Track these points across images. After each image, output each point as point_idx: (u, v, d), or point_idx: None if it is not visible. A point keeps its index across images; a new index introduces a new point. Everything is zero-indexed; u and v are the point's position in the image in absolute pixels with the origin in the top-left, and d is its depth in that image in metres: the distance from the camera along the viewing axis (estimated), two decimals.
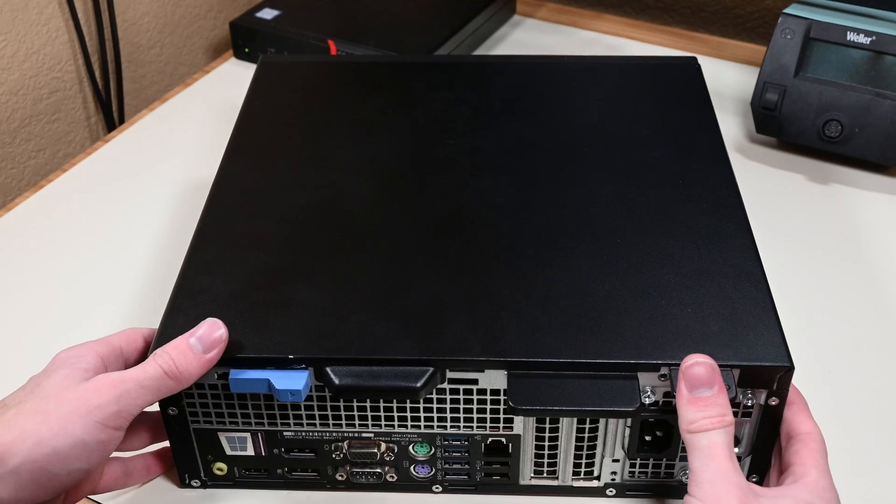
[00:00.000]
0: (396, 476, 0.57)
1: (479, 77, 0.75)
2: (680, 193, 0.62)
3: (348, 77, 0.77)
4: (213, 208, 0.62)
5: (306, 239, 0.59)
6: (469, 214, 0.61)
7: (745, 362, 0.51)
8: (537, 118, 0.70)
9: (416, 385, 0.51)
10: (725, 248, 0.58)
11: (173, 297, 0.56)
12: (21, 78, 0.90)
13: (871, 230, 0.77)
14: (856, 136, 0.80)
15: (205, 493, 0.58)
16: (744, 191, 0.63)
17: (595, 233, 0.59)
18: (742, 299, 0.54)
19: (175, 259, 0.59)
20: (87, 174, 0.85)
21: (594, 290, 0.55)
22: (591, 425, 0.54)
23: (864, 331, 0.68)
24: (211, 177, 0.65)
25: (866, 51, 0.79)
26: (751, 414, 0.53)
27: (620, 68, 0.76)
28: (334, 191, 0.64)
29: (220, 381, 0.53)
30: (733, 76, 0.96)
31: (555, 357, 0.51)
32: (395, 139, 0.69)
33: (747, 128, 0.88)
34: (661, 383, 0.52)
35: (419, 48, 0.93)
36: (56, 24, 0.92)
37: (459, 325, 0.53)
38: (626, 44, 1.03)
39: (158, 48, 1.05)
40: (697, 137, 0.67)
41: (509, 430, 0.55)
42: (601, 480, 0.57)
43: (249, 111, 0.72)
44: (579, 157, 0.66)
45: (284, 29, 0.96)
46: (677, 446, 0.54)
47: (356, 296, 0.55)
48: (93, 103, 0.99)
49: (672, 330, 0.52)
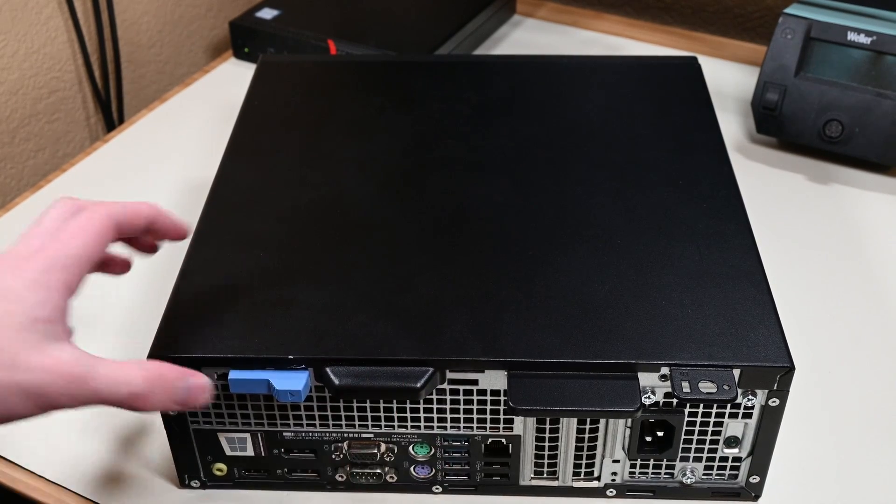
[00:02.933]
0: (396, 477, 0.57)
1: (479, 77, 0.75)
2: (680, 193, 0.62)
3: (348, 77, 0.77)
4: (213, 208, 0.62)
5: (306, 239, 0.59)
6: (469, 214, 0.61)
7: (745, 362, 0.51)
8: (537, 118, 0.70)
9: (416, 385, 0.51)
10: (726, 248, 0.58)
11: (173, 296, 0.56)
12: (21, 78, 0.90)
13: (871, 230, 0.77)
14: (856, 136, 0.80)
15: (204, 494, 0.58)
16: (744, 191, 0.63)
17: (595, 233, 0.59)
18: (742, 299, 0.54)
19: (175, 259, 0.59)
20: (86, 174, 0.85)
21: (594, 290, 0.55)
22: (592, 426, 0.54)
23: (864, 331, 0.68)
24: (211, 177, 0.65)
25: (867, 51, 0.79)
26: (751, 414, 0.53)
27: (620, 68, 0.76)
28: (334, 190, 0.64)
29: (219, 382, 0.53)
30: (733, 76, 0.96)
31: (555, 357, 0.51)
32: (394, 139, 0.69)
33: (747, 128, 0.88)
34: (662, 384, 0.52)
35: (419, 48, 0.93)
36: (56, 24, 0.92)
37: (459, 325, 0.53)
38: (626, 44, 1.03)
39: (158, 48, 1.05)
40: (698, 137, 0.67)
41: (509, 430, 0.54)
42: (601, 481, 0.56)
43: (249, 111, 0.72)
44: (579, 156, 0.66)
45: (284, 29, 0.96)
46: (678, 447, 0.54)
47: (356, 296, 0.55)
48: (92, 103, 0.99)
49: (672, 330, 0.52)
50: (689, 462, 0.55)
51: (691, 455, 0.55)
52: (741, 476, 0.56)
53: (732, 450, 0.55)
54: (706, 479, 0.56)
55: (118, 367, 0.47)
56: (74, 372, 0.45)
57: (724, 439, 0.54)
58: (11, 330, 0.45)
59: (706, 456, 0.55)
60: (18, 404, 0.45)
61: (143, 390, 0.47)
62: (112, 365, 0.47)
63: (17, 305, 0.45)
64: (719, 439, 0.54)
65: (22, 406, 0.45)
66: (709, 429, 0.54)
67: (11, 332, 0.45)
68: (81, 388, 0.46)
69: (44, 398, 0.45)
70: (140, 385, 0.47)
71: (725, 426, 0.54)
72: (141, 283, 0.72)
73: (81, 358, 0.46)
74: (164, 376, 0.48)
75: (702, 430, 0.54)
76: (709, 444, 0.54)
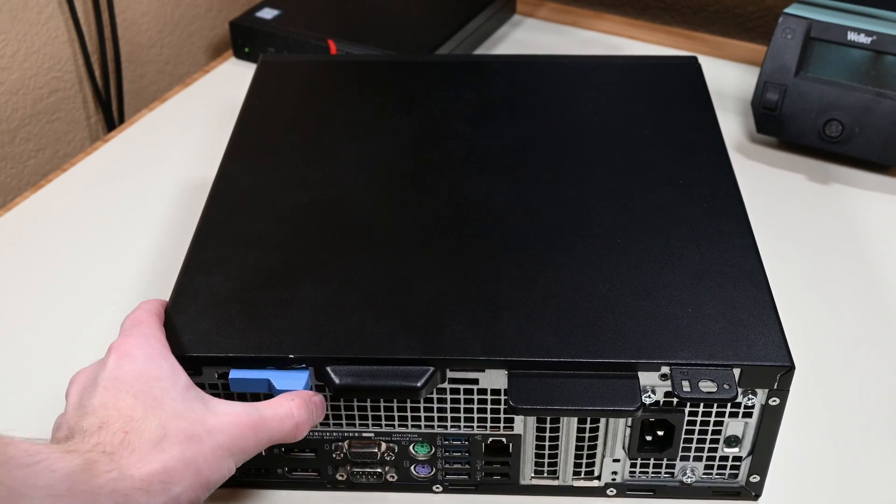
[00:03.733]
0: (397, 476, 0.57)
1: (479, 77, 0.75)
2: (680, 193, 0.62)
3: (348, 77, 0.77)
4: (213, 208, 0.62)
5: (306, 238, 0.59)
6: (469, 214, 0.61)
7: (745, 362, 0.51)
8: (537, 118, 0.70)
9: (416, 385, 0.51)
10: (726, 247, 0.58)
11: (173, 297, 0.56)
12: (21, 77, 0.90)
13: (871, 230, 0.77)
14: (856, 135, 0.80)
15: None
16: (744, 191, 0.63)
17: (595, 232, 0.59)
18: (742, 299, 0.54)
19: (175, 259, 0.59)
20: (86, 174, 0.85)
21: (595, 289, 0.55)
22: (592, 425, 0.54)
23: (864, 331, 0.68)
24: (211, 177, 0.65)
25: (867, 50, 0.79)
26: (751, 414, 0.53)
27: (621, 68, 0.76)
28: (334, 190, 0.64)
29: (220, 381, 0.53)
30: (734, 76, 0.96)
31: (555, 357, 0.51)
32: (395, 138, 0.69)
33: (748, 127, 0.88)
34: (662, 383, 0.52)
35: (419, 48, 0.93)
36: (56, 24, 0.92)
37: (460, 324, 0.53)
38: (626, 44, 1.03)
39: (158, 48, 1.05)
40: (698, 137, 0.67)
41: (510, 429, 0.54)
42: (602, 480, 0.56)
43: (249, 111, 0.72)
44: (579, 156, 0.66)
45: (284, 28, 0.96)
46: (678, 446, 0.54)
47: (356, 295, 0.55)
48: (92, 103, 0.99)
49: (672, 329, 0.52)
50: (689, 461, 0.55)
51: (691, 454, 0.55)
52: (741, 475, 0.56)
53: (733, 449, 0.55)
54: (706, 478, 0.56)
55: (274, 404, 0.50)
56: (249, 421, 0.49)
57: (725, 439, 0.54)
58: (178, 403, 0.48)
59: (706, 455, 0.55)
60: (228, 464, 0.48)
61: (302, 419, 0.50)
62: (268, 404, 0.50)
63: (164, 382, 0.48)
64: (719, 439, 0.54)
65: (228, 467, 0.48)
66: (709, 428, 0.54)
67: (180, 405, 0.48)
68: (260, 434, 0.49)
69: (241, 452, 0.48)
70: (298, 415, 0.50)
71: (726, 425, 0.54)
72: (141, 283, 0.72)
73: (244, 406, 0.49)
74: (307, 401, 0.51)
75: (702, 429, 0.54)
76: (709, 443, 0.54)
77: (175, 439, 0.46)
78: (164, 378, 0.48)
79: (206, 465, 0.47)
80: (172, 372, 0.49)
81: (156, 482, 0.45)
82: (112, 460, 0.44)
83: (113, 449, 0.45)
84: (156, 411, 0.47)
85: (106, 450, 0.44)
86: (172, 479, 0.45)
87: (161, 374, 0.49)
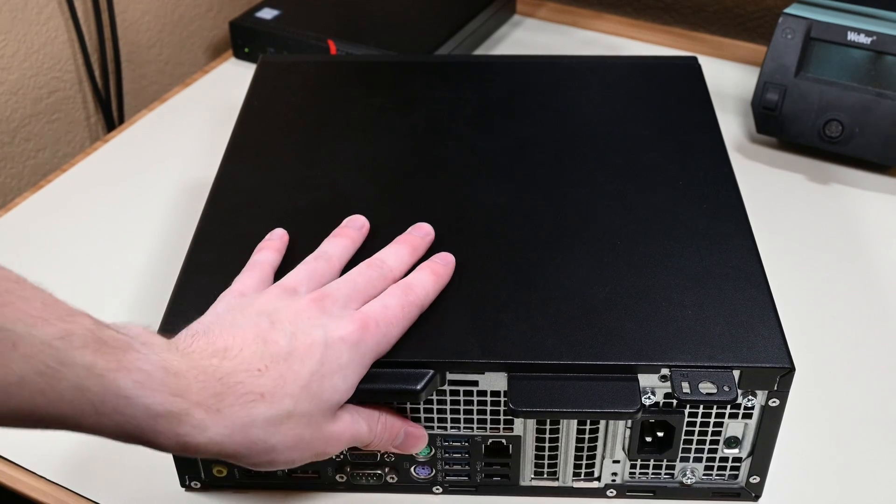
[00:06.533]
0: (397, 477, 0.57)
1: (479, 77, 0.75)
2: (680, 194, 0.62)
3: (348, 77, 0.77)
4: (213, 208, 0.62)
5: (306, 239, 0.59)
6: (469, 215, 0.61)
7: (745, 363, 0.51)
8: (537, 118, 0.70)
9: (416, 387, 0.51)
10: (726, 248, 0.58)
11: (173, 297, 0.56)
12: (21, 78, 0.90)
13: (871, 230, 0.77)
14: (856, 136, 0.80)
15: (205, 495, 0.58)
16: (744, 191, 0.63)
17: (595, 233, 0.59)
18: (742, 300, 0.54)
19: (175, 259, 0.59)
20: (86, 174, 0.85)
21: (594, 291, 0.55)
22: (592, 426, 0.54)
23: (864, 331, 0.68)
24: (211, 177, 0.65)
25: (867, 51, 0.79)
26: (751, 415, 0.53)
27: (620, 68, 0.76)
28: (334, 191, 0.64)
29: None
30: (733, 76, 0.96)
31: (555, 359, 0.51)
32: (394, 139, 0.69)
33: (747, 128, 0.88)
34: (662, 384, 0.52)
35: (419, 48, 0.93)
36: (56, 24, 0.92)
37: (459, 326, 0.53)
38: (626, 44, 1.03)
39: (158, 48, 1.05)
40: (698, 137, 0.67)
41: (509, 431, 0.54)
42: (602, 481, 0.57)
43: (249, 111, 0.72)
44: (579, 157, 0.66)
45: (284, 29, 0.96)
46: (678, 447, 0.54)
47: None
48: (92, 103, 0.99)
49: (672, 331, 0.52)
50: (689, 462, 0.55)
51: (691, 455, 0.55)
52: (741, 476, 0.56)
53: (732, 450, 0.55)
54: (706, 479, 0.56)
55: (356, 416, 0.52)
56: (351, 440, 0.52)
57: (725, 440, 0.54)
58: (320, 413, 0.49)
59: (706, 456, 0.55)
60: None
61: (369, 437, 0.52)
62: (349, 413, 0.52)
63: (339, 395, 0.50)
64: (719, 440, 0.54)
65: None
66: (709, 429, 0.54)
67: (320, 414, 0.49)
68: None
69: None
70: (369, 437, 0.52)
71: (725, 427, 0.54)
72: (141, 283, 0.72)
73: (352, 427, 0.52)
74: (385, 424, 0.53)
75: (702, 430, 0.54)
76: (709, 444, 0.54)
77: (294, 423, 0.48)
78: (344, 379, 0.50)
79: (299, 458, 0.49)
80: (351, 385, 0.50)
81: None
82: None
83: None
84: (298, 398, 0.48)
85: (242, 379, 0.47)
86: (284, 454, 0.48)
87: (346, 387, 0.50)
